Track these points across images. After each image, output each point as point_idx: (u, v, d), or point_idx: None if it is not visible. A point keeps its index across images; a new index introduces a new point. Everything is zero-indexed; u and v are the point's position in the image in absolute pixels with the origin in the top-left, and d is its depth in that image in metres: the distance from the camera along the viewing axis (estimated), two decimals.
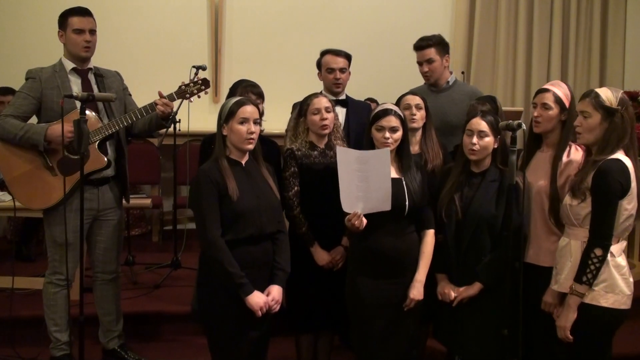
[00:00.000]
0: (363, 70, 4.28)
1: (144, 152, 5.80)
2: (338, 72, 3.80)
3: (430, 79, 4.00)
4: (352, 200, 2.91)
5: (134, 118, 3.42)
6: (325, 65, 3.84)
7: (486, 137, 2.97)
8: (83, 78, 3.48)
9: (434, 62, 3.97)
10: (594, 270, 2.65)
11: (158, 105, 3.43)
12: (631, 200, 2.66)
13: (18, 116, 3.36)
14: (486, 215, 2.96)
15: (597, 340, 2.75)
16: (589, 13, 6.79)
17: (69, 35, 3.43)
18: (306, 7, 6.52)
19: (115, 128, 3.40)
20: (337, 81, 3.80)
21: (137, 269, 4.85)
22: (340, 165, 2.90)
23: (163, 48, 6.27)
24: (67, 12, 3.47)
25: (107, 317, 3.66)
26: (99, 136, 3.36)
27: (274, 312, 2.86)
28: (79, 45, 3.43)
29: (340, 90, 3.85)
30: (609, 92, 2.72)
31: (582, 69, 6.82)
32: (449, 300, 3.02)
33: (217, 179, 2.75)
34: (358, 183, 2.88)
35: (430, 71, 3.97)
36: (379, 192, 2.88)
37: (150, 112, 3.45)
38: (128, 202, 3.75)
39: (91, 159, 3.33)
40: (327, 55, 3.86)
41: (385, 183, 2.87)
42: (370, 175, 2.86)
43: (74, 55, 3.46)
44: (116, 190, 3.60)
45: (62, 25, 3.46)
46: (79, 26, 3.42)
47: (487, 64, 6.76)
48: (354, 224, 2.90)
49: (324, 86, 3.90)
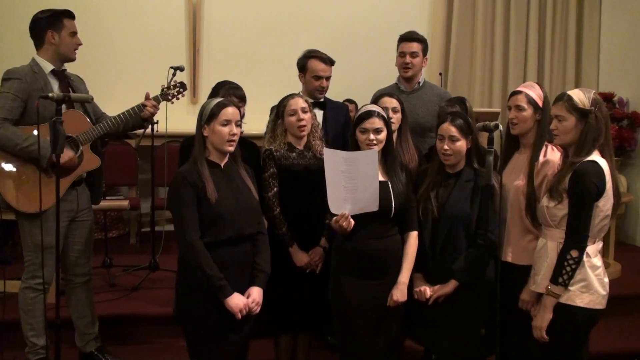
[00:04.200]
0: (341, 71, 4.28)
1: (121, 154, 5.77)
2: (325, 80, 3.77)
3: (408, 72, 4.04)
4: (340, 201, 2.91)
5: (124, 119, 3.44)
6: (313, 71, 3.76)
7: (457, 142, 3.01)
8: (61, 80, 3.45)
9: (417, 57, 4.03)
10: (569, 271, 2.67)
11: (147, 107, 3.45)
12: (606, 202, 2.70)
13: (12, 120, 3.27)
14: (461, 214, 2.99)
15: (572, 340, 2.78)
16: (565, 15, 6.88)
17: (64, 37, 3.41)
18: (284, 8, 6.52)
19: (107, 129, 3.39)
20: (322, 89, 3.78)
21: (115, 271, 4.81)
22: (327, 166, 2.90)
23: (140, 49, 6.24)
24: (60, 13, 3.43)
25: (82, 320, 3.63)
26: (91, 137, 3.36)
27: (255, 314, 2.85)
28: (72, 48, 3.45)
29: (323, 96, 3.84)
30: (581, 93, 2.75)
31: (558, 70, 6.90)
32: (425, 299, 3.04)
33: (196, 181, 2.74)
34: (345, 184, 2.88)
35: (412, 64, 4.01)
36: (367, 193, 2.89)
37: (139, 113, 3.47)
38: (97, 204, 3.70)
39: (86, 160, 3.34)
40: (316, 61, 3.75)
41: (372, 183, 2.88)
42: (358, 176, 2.87)
43: (64, 57, 3.45)
44: (88, 190, 3.58)
45: (54, 25, 3.39)
46: (74, 29, 3.45)
47: (465, 66, 6.81)
48: (342, 225, 2.91)
49: (304, 89, 3.85)
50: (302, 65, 3.83)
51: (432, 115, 3.91)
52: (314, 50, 3.83)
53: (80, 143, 3.37)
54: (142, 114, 3.50)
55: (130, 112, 3.47)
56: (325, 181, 2.91)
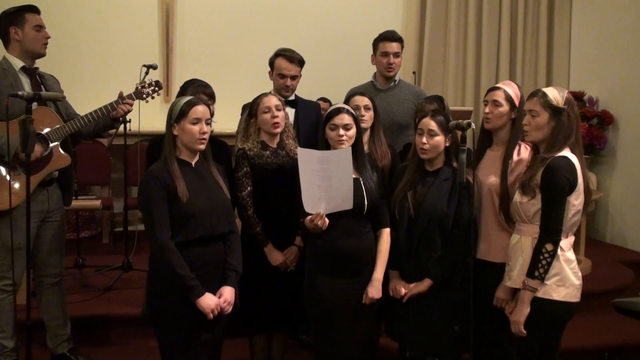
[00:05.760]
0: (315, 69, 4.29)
1: (93, 153, 5.71)
2: (289, 79, 3.74)
3: (392, 72, 4.06)
4: (314, 200, 2.91)
5: (95, 117, 3.40)
6: (278, 69, 3.75)
7: (436, 137, 3.02)
8: (32, 77, 3.43)
9: (398, 57, 4.06)
10: (545, 265, 2.70)
11: (121, 105, 3.43)
12: (578, 196, 2.73)
13: None
14: (438, 213, 3.01)
15: (548, 334, 2.80)
16: (536, 15, 6.96)
17: (28, 31, 3.37)
18: (258, 6, 6.51)
19: (77, 127, 3.36)
20: (287, 88, 3.76)
21: (87, 271, 4.76)
22: (301, 165, 2.90)
23: (113, 46, 6.18)
24: (22, 9, 3.40)
25: (54, 321, 3.58)
26: (61, 135, 3.32)
27: (227, 314, 2.83)
28: (39, 42, 3.41)
29: (290, 94, 3.82)
30: (555, 91, 2.78)
31: (530, 69, 6.98)
32: (400, 297, 3.05)
33: (167, 180, 2.71)
34: (320, 183, 2.88)
35: (395, 64, 4.04)
36: (341, 192, 2.89)
37: (112, 112, 3.44)
38: (69, 205, 3.66)
39: (55, 158, 3.30)
40: (281, 60, 3.74)
41: (347, 182, 2.89)
42: (332, 175, 2.87)
43: (31, 53, 3.41)
44: (59, 191, 3.54)
45: (16, 21, 3.38)
46: (39, 22, 3.41)
47: (438, 65, 6.86)
48: (317, 224, 2.91)
49: (273, 86, 3.86)
50: (271, 63, 3.84)
51: (407, 113, 3.93)
52: (285, 49, 3.81)
53: (50, 140, 3.33)
54: (114, 113, 3.46)
55: (103, 110, 3.43)
56: (300, 181, 2.90)
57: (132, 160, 5.27)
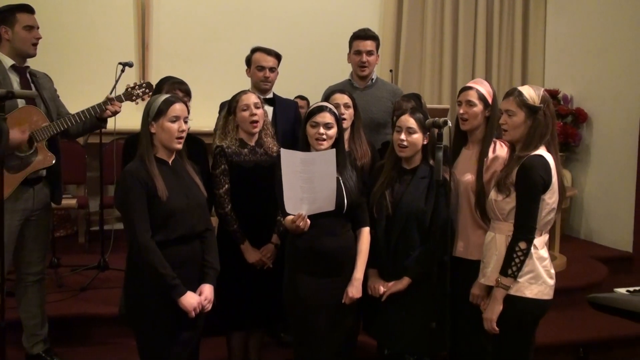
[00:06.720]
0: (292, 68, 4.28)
1: (69, 151, 5.60)
2: (267, 70, 3.80)
3: (365, 71, 4.04)
4: (296, 202, 2.91)
5: (82, 118, 3.39)
6: (256, 62, 3.82)
7: (414, 134, 3.04)
8: (22, 76, 3.42)
9: (372, 55, 4.04)
10: (518, 263, 2.72)
11: (109, 107, 3.42)
12: (552, 195, 2.76)
13: None
14: (415, 210, 3.02)
15: (522, 331, 2.83)
16: (511, 14, 7.01)
17: (17, 31, 3.37)
18: (235, 4, 6.47)
19: (63, 127, 3.35)
20: (266, 79, 3.80)
21: (63, 271, 4.72)
22: (284, 167, 2.89)
23: (88, 44, 6.10)
24: (14, 8, 3.39)
25: (31, 320, 3.55)
26: (47, 134, 3.31)
27: (207, 312, 2.82)
28: (28, 42, 3.41)
29: (269, 87, 3.85)
30: (531, 90, 2.80)
31: (505, 67, 7.04)
32: (378, 295, 3.06)
33: (145, 179, 2.69)
34: (302, 184, 2.88)
35: (368, 63, 4.02)
36: (324, 193, 2.89)
37: (99, 112, 3.43)
38: (59, 204, 3.64)
39: (40, 157, 3.29)
40: (258, 53, 3.83)
41: (330, 183, 2.89)
42: (315, 176, 2.87)
43: (21, 53, 3.40)
44: (46, 190, 3.51)
45: (7, 21, 3.37)
46: (30, 22, 3.40)
47: (415, 63, 6.89)
48: (299, 225, 2.90)
49: (252, 83, 3.88)
50: (248, 60, 3.90)
51: (385, 111, 3.94)
52: (259, 47, 3.88)
53: (35, 140, 3.31)
54: (103, 114, 3.44)
55: (91, 110, 3.42)
56: (282, 182, 2.90)
57: (107, 158, 5.23)
